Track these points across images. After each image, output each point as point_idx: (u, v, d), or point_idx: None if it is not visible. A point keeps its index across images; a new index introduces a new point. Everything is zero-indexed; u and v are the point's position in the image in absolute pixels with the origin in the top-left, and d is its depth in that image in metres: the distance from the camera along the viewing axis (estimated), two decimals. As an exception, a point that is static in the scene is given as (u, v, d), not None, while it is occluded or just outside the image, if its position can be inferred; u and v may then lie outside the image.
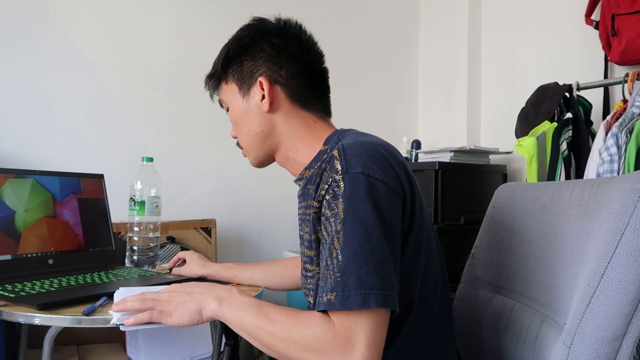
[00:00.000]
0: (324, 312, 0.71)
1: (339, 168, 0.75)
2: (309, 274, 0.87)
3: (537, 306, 0.96)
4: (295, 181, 0.97)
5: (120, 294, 1.03)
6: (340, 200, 0.73)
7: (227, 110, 1.02)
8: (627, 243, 0.73)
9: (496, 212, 1.18)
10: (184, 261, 1.35)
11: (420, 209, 0.81)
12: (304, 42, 0.96)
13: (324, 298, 0.70)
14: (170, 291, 0.89)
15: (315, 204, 0.79)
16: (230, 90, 0.98)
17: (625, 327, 0.73)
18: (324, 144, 0.92)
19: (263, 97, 0.93)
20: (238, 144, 1.02)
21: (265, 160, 1.00)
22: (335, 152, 0.78)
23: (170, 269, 1.36)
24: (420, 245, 0.81)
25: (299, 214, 0.96)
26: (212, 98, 1.05)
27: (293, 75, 0.94)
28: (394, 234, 0.74)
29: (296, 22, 0.98)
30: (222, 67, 0.98)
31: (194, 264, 1.30)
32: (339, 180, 0.74)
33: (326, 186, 0.76)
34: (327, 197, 0.75)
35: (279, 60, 0.93)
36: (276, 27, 0.96)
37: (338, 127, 0.98)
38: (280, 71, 0.93)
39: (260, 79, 0.93)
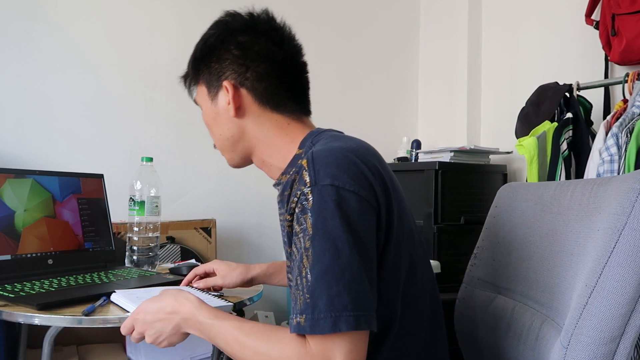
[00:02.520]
0: None
1: (307, 180, 0.71)
2: (292, 283, 0.82)
3: (538, 307, 0.96)
4: (274, 185, 0.93)
5: (116, 297, 1.03)
6: (309, 214, 0.69)
7: None
8: (624, 243, 0.73)
9: (498, 212, 1.17)
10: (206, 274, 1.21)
11: (399, 216, 0.78)
12: (273, 39, 0.88)
13: (294, 320, 0.67)
14: (145, 322, 0.84)
15: (288, 217, 0.75)
16: (201, 92, 0.94)
17: (622, 328, 0.72)
18: (299, 147, 0.87)
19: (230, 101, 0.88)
20: (214, 146, 0.98)
21: (241, 162, 0.96)
22: (304, 162, 0.73)
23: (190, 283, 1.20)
24: (400, 254, 0.78)
25: (280, 219, 0.91)
26: (190, 96, 1.00)
27: (261, 77, 0.87)
28: (367, 248, 0.70)
29: (267, 15, 0.91)
30: (192, 68, 0.94)
31: (233, 274, 1.16)
32: (307, 193, 0.70)
33: (295, 199, 0.72)
34: (297, 211, 0.72)
35: (245, 62, 0.87)
36: (243, 24, 0.89)
37: (334, 127, 0.94)
38: (247, 73, 0.87)
39: (225, 83, 0.87)
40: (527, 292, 1.00)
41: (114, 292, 1.04)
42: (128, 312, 0.96)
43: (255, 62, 0.87)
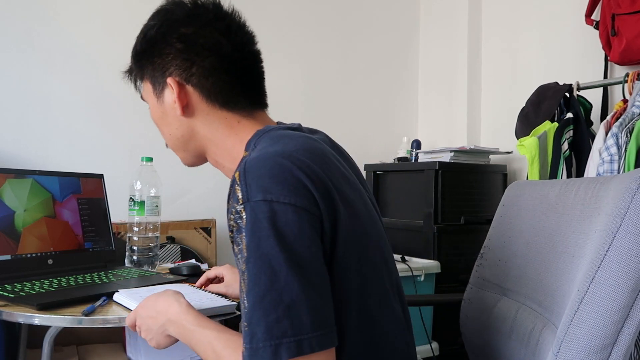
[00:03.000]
0: None
1: (240, 196, 0.65)
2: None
3: (540, 310, 0.94)
4: None
5: (120, 296, 1.03)
6: (244, 234, 0.64)
7: None
8: (618, 246, 0.70)
9: (505, 211, 1.15)
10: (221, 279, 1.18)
11: (351, 218, 0.70)
12: (219, 29, 0.80)
13: (242, 348, 0.63)
14: (141, 316, 0.84)
15: (230, 233, 0.70)
16: (147, 89, 0.87)
17: (615, 336, 0.69)
18: (245, 149, 0.80)
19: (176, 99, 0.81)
20: (166, 145, 0.92)
21: (196, 161, 0.90)
22: (237, 175, 0.67)
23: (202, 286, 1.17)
24: (349, 262, 0.70)
25: None
26: (137, 92, 0.94)
27: (207, 72, 0.80)
28: (311, 263, 0.64)
29: (213, 3, 0.83)
30: (135, 64, 0.87)
31: (237, 285, 1.12)
32: (240, 211, 0.65)
33: (232, 216, 0.67)
34: (234, 230, 0.67)
35: (189, 56, 0.79)
36: (185, 14, 0.81)
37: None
38: (192, 69, 0.80)
39: (169, 80, 0.80)
40: (531, 294, 0.98)
41: (117, 291, 1.04)
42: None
43: (200, 56, 0.79)
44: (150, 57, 0.83)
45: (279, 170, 0.65)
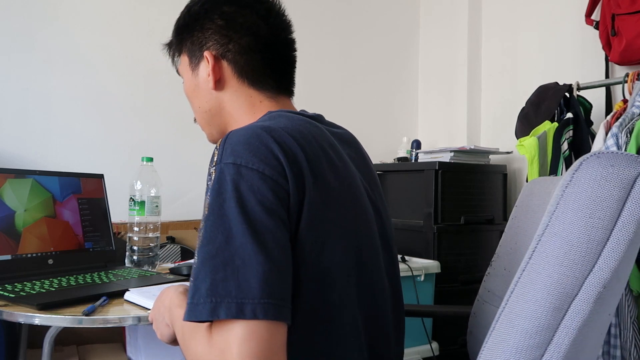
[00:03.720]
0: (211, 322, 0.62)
1: (215, 159, 0.67)
2: None
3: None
4: None
5: (131, 295, 1.03)
6: (208, 195, 0.65)
7: None
8: (541, 252, 0.58)
9: (517, 213, 1.06)
10: None
11: (323, 205, 0.69)
12: (259, 12, 0.84)
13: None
14: (155, 306, 0.84)
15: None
16: (184, 62, 0.90)
17: None
18: None
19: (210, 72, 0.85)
20: (194, 119, 0.95)
21: (218, 139, 0.89)
22: (219, 141, 0.69)
23: None
24: (308, 247, 0.67)
25: None
26: (173, 66, 0.97)
27: (243, 50, 0.83)
28: (270, 231, 0.62)
29: None
30: (176, 37, 0.91)
31: None
32: (212, 172, 0.66)
33: (208, 177, 0.69)
34: (206, 191, 0.68)
35: (228, 33, 0.83)
36: None
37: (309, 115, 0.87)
38: (229, 44, 0.83)
39: (206, 53, 0.84)
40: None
41: (128, 290, 1.04)
42: (148, 309, 0.96)
43: (238, 33, 0.83)
44: (192, 30, 0.87)
45: (254, 140, 0.67)
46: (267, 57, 0.85)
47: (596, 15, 2.00)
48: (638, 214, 0.55)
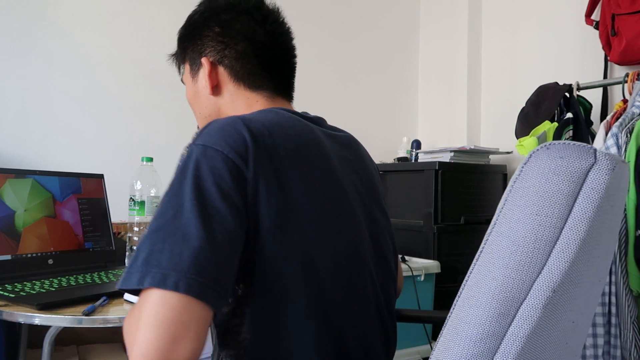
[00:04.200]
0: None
1: (189, 142, 0.69)
2: None
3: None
4: None
5: (130, 295, 1.03)
6: (173, 173, 0.66)
7: None
8: (488, 252, 0.54)
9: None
10: None
11: (283, 202, 0.68)
12: (255, 18, 0.86)
13: None
14: None
15: None
16: (186, 71, 0.93)
17: None
18: None
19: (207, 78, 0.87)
20: (198, 127, 0.96)
21: None
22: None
23: None
24: (281, 235, 0.67)
25: None
26: (179, 76, 1.00)
27: (240, 55, 0.85)
28: (221, 216, 0.62)
29: None
30: (179, 47, 0.94)
31: None
32: (183, 154, 0.68)
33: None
34: None
35: (225, 39, 0.85)
36: (227, 2, 0.88)
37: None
38: (225, 50, 0.85)
39: (203, 60, 0.86)
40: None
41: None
42: None
43: (234, 39, 0.85)
44: (192, 39, 0.89)
45: (228, 126, 0.68)
46: (264, 61, 0.86)
47: (596, 15, 2.01)
48: (591, 210, 0.50)
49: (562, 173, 0.50)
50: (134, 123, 2.06)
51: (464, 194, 2.24)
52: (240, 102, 0.87)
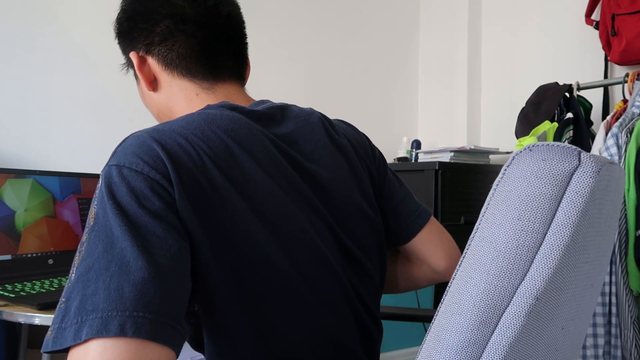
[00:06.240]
0: None
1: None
2: None
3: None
4: None
5: None
6: (94, 202, 0.56)
7: None
8: (469, 257, 0.52)
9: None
10: None
11: (219, 210, 0.60)
12: None
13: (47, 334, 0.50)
14: None
15: None
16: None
17: None
18: None
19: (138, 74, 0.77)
20: None
21: None
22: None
23: None
24: (220, 248, 0.60)
25: None
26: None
27: (164, 37, 0.73)
28: (157, 236, 0.53)
29: None
30: (122, 53, 0.83)
31: None
32: (99, 177, 0.59)
33: None
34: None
35: (146, 25, 0.74)
36: None
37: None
38: (149, 37, 0.74)
39: (130, 55, 0.76)
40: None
41: None
42: None
43: (155, 22, 0.73)
44: (123, 38, 0.80)
45: (139, 143, 0.60)
46: (195, 39, 0.73)
47: (596, 15, 2.01)
48: (575, 214, 0.47)
49: (545, 176, 0.49)
50: (134, 123, 2.06)
51: (464, 194, 2.24)
52: (179, 94, 0.75)
